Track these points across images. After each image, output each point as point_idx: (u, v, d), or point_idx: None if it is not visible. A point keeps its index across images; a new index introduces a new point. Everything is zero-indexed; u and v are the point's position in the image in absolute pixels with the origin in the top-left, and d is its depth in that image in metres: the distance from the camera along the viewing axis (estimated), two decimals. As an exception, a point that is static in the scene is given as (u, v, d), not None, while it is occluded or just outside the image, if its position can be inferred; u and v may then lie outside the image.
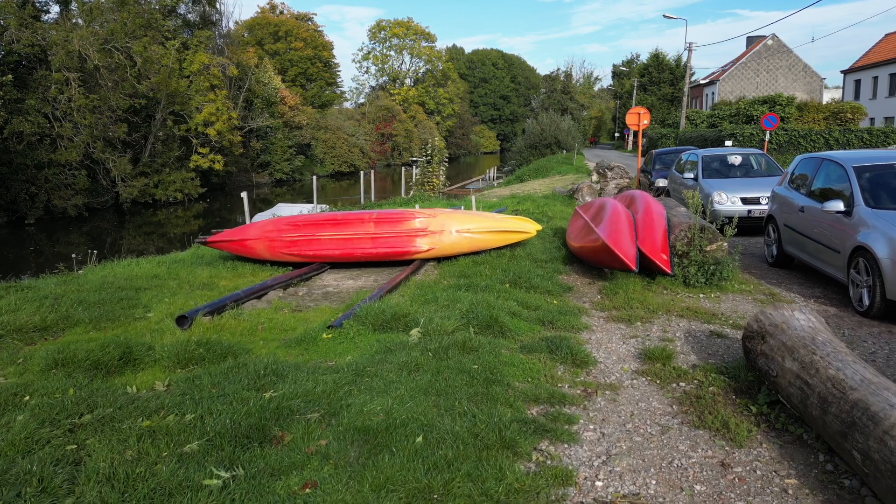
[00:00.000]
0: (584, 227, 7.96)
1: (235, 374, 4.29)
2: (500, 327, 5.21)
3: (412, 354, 4.49)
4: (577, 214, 9.06)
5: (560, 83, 78.95)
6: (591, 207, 8.70)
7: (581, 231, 7.96)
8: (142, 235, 30.01)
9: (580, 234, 7.90)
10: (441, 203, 16.09)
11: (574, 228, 8.48)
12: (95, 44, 26.73)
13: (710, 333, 5.27)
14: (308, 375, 4.21)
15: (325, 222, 8.22)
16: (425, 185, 22.75)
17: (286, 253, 8.14)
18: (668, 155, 16.09)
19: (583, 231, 7.83)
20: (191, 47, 36.56)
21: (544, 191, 21.58)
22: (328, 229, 8.17)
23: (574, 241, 7.99)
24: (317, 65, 67.74)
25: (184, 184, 34.64)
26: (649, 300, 6.28)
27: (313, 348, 5.01)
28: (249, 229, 8.37)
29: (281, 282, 7.21)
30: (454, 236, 8.00)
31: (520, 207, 14.45)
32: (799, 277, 7.42)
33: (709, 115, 37.18)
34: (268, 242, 8.17)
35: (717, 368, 4.35)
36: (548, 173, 30.85)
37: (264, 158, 48.54)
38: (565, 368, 4.48)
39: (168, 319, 5.85)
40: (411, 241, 8.02)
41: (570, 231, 8.66)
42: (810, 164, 7.37)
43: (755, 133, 28.52)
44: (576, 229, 8.32)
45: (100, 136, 28.16)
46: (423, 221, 8.06)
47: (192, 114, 34.51)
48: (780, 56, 49.25)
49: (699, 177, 10.89)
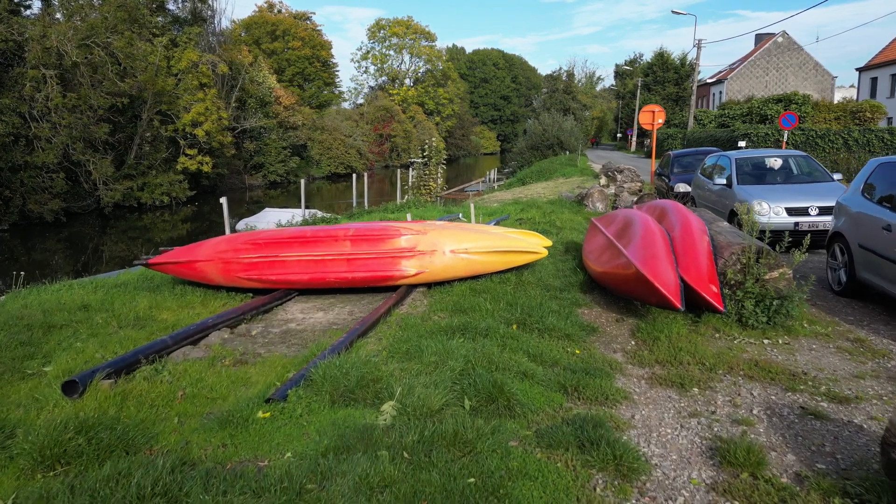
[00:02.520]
0: (607, 246, 6.49)
1: (109, 494, 2.82)
2: (507, 400, 3.73)
3: (379, 461, 3.01)
4: (594, 228, 7.59)
5: (562, 83, 77.48)
6: (614, 221, 7.23)
7: (604, 252, 6.48)
8: (126, 241, 28.54)
9: (603, 255, 6.42)
10: (438, 210, 14.63)
11: (594, 247, 7.00)
12: (74, 39, 25.26)
13: (800, 411, 3.78)
14: (215, 499, 2.75)
15: (291, 241, 6.74)
16: (422, 189, 21.26)
17: (244, 277, 6.68)
18: (687, 157, 14.59)
19: (606, 252, 6.35)
20: (180, 44, 35.09)
21: (549, 195, 20.11)
22: (295, 249, 6.69)
23: (595, 263, 6.51)
24: (315, 64, 66.45)
25: (171, 186, 33.14)
26: (701, 349, 4.80)
27: (243, 434, 3.54)
28: (200, 249, 6.90)
29: (228, 318, 5.74)
30: (448, 258, 6.53)
31: (524, 216, 12.98)
32: (881, 313, 5.93)
33: (718, 115, 35.67)
34: (222, 265, 6.71)
35: (838, 487, 2.87)
36: (551, 176, 29.39)
37: (258, 160, 47.05)
38: (606, 482, 2.99)
39: (65, 378, 4.39)
40: (395, 263, 6.56)
41: (588, 249, 7.18)
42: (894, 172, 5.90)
43: (770, 133, 27.02)
44: (596, 248, 6.84)
45: (80, 137, 26.68)
46: (410, 239, 6.59)
47: (180, 113, 33.02)
48: (791, 54, 47.73)
49: (733, 183, 9.39)
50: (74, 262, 23.94)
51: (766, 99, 32.44)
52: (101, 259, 24.97)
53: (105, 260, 24.96)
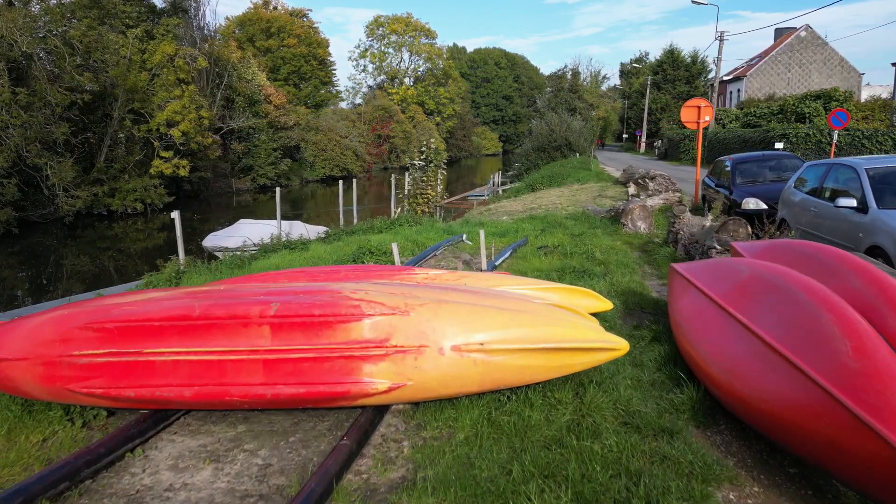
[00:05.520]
0: (741, 339, 3.47)
1: None
2: None
3: None
4: (688, 288, 4.58)
5: (567, 81, 74.47)
6: (726, 279, 4.18)
7: (732, 347, 3.49)
8: (94, 251, 25.58)
9: (735, 358, 3.42)
10: (436, 231, 11.62)
11: (699, 328, 3.98)
12: (26, 27, 22.29)
13: None
14: None
15: (166, 326, 3.75)
16: (418, 198, 18.24)
17: (83, 392, 3.69)
18: (751, 163, 11.52)
19: (745, 355, 3.34)
20: (157, 37, 32.12)
21: (567, 206, 17.10)
22: (172, 341, 3.70)
23: (717, 369, 3.52)
24: (311, 63, 63.82)
25: (146, 192, 30.16)
26: None
27: None
28: (8, 336, 3.91)
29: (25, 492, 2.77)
30: (448, 359, 3.55)
31: (546, 240, 10.00)
32: None
33: (744, 114, 32.64)
34: (43, 369, 3.73)
35: None
36: (564, 181, 26.39)
37: (247, 162, 44.05)
38: None
39: None
40: (352, 368, 3.58)
41: (688, 329, 4.17)
42: None
43: (811, 133, 24.03)
44: (709, 334, 3.82)
45: (36, 138, 23.70)
46: (379, 325, 3.61)
47: (154, 112, 30.05)
48: (815, 49, 44.63)
49: (870, 205, 6.35)
50: (28, 280, 21.03)
51: (803, 96, 29.40)
52: (62, 275, 22.04)
53: (66, 275, 22.06)
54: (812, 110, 27.62)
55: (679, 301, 4.64)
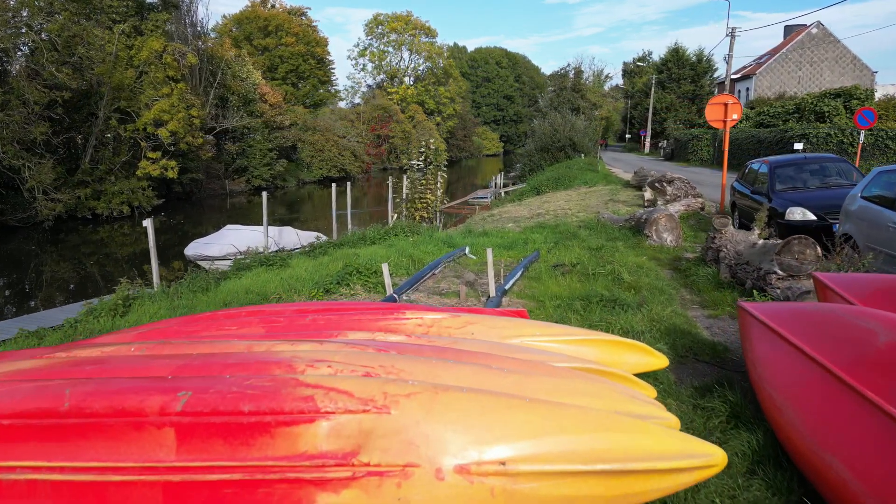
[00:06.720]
0: None
1: None
2: None
3: None
4: (782, 347, 3.27)
5: (570, 80, 73.20)
6: (871, 355, 2.94)
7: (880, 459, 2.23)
8: (77, 257, 24.33)
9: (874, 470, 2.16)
10: (435, 242, 10.30)
11: (841, 434, 2.70)
12: (2, 21, 21.02)
13: None
14: None
15: (19, 425, 2.46)
16: (417, 202, 16.92)
17: None
18: (793, 167, 10.18)
19: None
20: (145, 32, 30.83)
21: (578, 212, 15.81)
22: (27, 450, 2.42)
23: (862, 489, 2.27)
24: (309, 62, 62.67)
25: (133, 194, 28.87)
26: None
27: None
28: None
29: None
30: (450, 486, 2.26)
31: (562, 255, 8.71)
32: None
33: (756, 113, 31.33)
34: None
35: None
36: (571, 183, 25.10)
37: (241, 163, 42.75)
38: None
39: None
40: (299, 497, 2.29)
41: (803, 429, 2.86)
42: None
43: (832, 133, 22.73)
44: (853, 445, 2.57)
45: (12, 139, 22.42)
46: (342, 428, 2.32)
47: (141, 111, 28.77)
48: (826, 47, 43.31)
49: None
50: (6, 288, 19.80)
51: (822, 94, 28.08)
52: (41, 283, 20.76)
53: (46, 283, 20.79)
54: (832, 109, 26.31)
55: (767, 363, 3.33)
